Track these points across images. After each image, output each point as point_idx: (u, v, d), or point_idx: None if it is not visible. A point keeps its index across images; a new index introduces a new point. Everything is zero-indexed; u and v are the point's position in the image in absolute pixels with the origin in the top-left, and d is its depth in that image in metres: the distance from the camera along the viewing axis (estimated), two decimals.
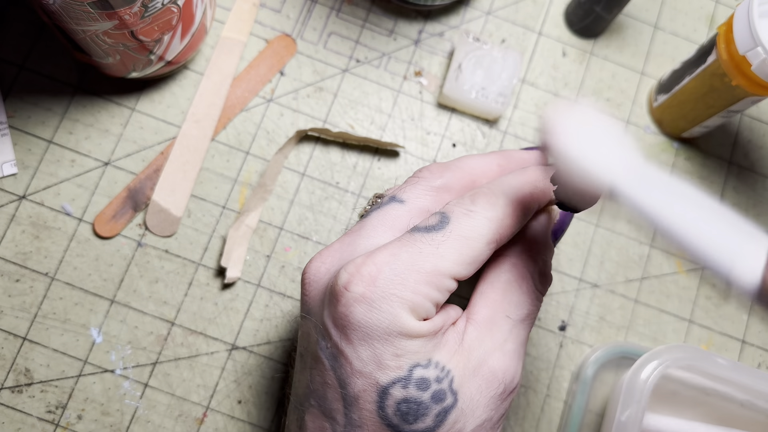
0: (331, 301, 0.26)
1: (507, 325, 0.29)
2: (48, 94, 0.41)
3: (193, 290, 0.40)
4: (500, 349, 0.28)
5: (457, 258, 0.27)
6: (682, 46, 0.46)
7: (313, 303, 0.28)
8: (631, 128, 0.44)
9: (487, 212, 0.27)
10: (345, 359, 0.26)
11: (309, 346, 0.28)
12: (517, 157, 0.32)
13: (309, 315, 0.28)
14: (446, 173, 0.30)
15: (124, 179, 0.40)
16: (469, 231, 0.27)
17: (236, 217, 0.41)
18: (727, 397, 0.38)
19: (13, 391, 0.38)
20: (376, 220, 0.29)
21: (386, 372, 0.26)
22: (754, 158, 0.45)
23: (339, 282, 0.26)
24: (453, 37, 0.44)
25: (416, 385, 0.26)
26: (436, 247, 0.27)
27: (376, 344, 0.26)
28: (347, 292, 0.26)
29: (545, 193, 0.30)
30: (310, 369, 0.28)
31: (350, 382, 0.26)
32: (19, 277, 0.39)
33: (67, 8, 0.32)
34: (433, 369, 0.26)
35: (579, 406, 0.39)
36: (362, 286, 0.26)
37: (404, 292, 0.26)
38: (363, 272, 0.26)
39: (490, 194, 0.28)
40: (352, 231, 0.29)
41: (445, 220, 0.27)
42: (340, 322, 0.26)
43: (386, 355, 0.26)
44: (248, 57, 0.43)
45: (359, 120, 0.43)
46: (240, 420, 0.38)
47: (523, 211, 0.29)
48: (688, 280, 0.43)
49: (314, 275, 0.29)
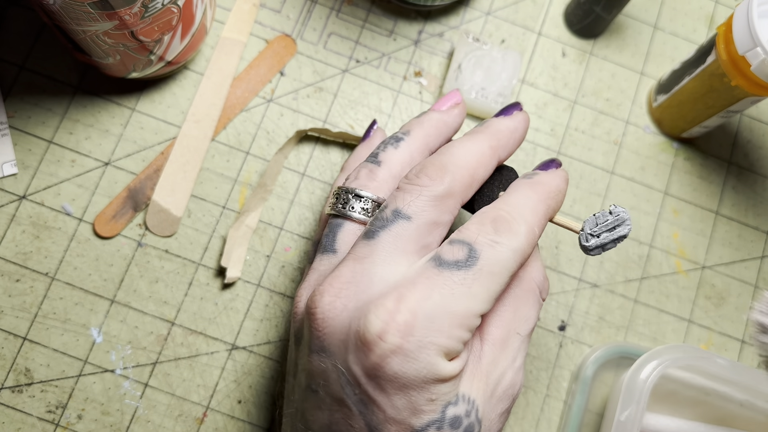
0: (362, 349, 0.25)
1: (517, 341, 0.29)
2: (48, 94, 0.41)
3: (193, 290, 0.40)
4: (511, 367, 0.28)
5: (486, 296, 0.26)
6: (682, 47, 0.46)
7: (331, 342, 0.27)
8: (630, 128, 0.44)
9: (511, 243, 0.27)
10: (377, 407, 0.25)
11: (329, 387, 0.27)
12: (504, 131, 0.31)
13: (323, 353, 0.27)
14: (446, 176, 0.29)
15: (125, 179, 0.40)
16: (496, 266, 0.26)
17: (236, 217, 0.41)
18: (726, 397, 0.38)
19: (14, 390, 0.38)
20: (386, 242, 0.27)
21: (421, 417, 0.25)
22: (753, 158, 0.45)
23: (371, 330, 0.25)
24: (453, 37, 0.44)
25: (450, 425, 0.26)
26: (468, 287, 0.26)
27: (411, 393, 0.25)
28: (382, 343, 0.25)
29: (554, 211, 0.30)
30: (331, 410, 0.27)
31: (383, 429, 0.26)
32: (20, 277, 0.39)
33: (67, 8, 0.32)
34: (462, 405, 0.26)
35: (579, 406, 0.39)
36: (398, 336, 0.25)
37: (440, 339, 0.25)
38: (398, 320, 0.25)
39: (511, 221, 0.27)
40: (360, 256, 0.28)
41: (474, 255, 0.26)
42: (372, 373, 0.25)
43: (421, 401, 0.25)
44: (248, 57, 0.43)
45: (359, 120, 0.43)
46: (240, 420, 0.38)
47: (539, 235, 0.29)
48: (688, 280, 0.43)
49: (329, 311, 0.27)
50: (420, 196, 0.28)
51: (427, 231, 0.28)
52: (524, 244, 0.27)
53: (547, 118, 0.44)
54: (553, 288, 0.42)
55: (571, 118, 0.44)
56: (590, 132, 0.44)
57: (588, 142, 0.44)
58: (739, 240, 0.43)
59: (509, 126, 0.32)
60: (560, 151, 0.43)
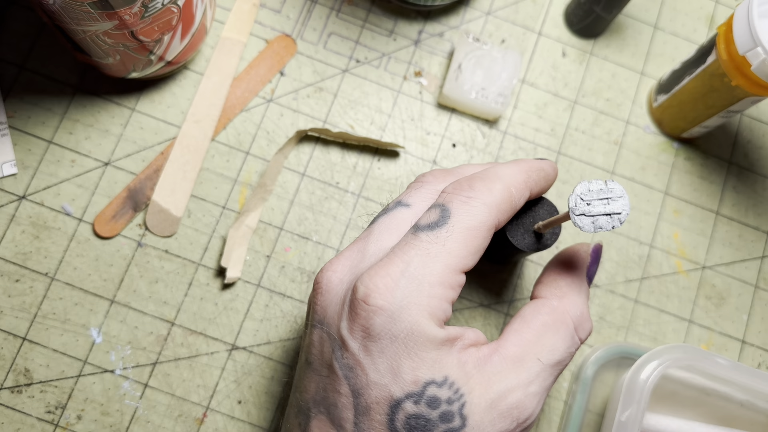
0: (351, 313, 0.27)
1: (536, 367, 0.28)
2: (48, 94, 0.41)
3: (193, 290, 0.40)
4: (523, 389, 0.28)
5: (463, 251, 0.27)
6: (682, 46, 0.46)
7: (327, 313, 0.29)
8: (630, 128, 0.44)
9: (485, 198, 0.28)
10: (362, 370, 0.27)
11: (323, 355, 0.28)
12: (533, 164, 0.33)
13: (321, 324, 0.29)
14: (449, 177, 0.31)
15: (124, 179, 0.40)
16: (470, 221, 0.28)
17: (236, 217, 0.41)
18: (726, 397, 0.38)
19: (13, 391, 0.38)
20: (383, 225, 0.30)
21: (401, 385, 0.26)
22: (753, 158, 0.45)
23: (357, 295, 0.27)
24: (453, 37, 0.44)
25: (427, 403, 0.26)
26: (442, 244, 0.27)
27: (395, 355, 0.26)
28: (366, 306, 0.26)
29: (537, 184, 0.31)
30: (321, 377, 0.28)
31: (364, 393, 0.27)
32: (19, 277, 0.39)
33: (67, 8, 0.32)
34: (446, 389, 0.26)
35: (579, 406, 0.39)
36: (380, 299, 0.26)
37: (421, 298, 0.26)
38: (380, 285, 0.26)
39: (486, 179, 0.29)
40: (360, 238, 0.30)
41: (446, 214, 0.28)
42: (359, 334, 0.27)
43: (404, 366, 0.26)
44: (248, 57, 0.43)
45: (359, 120, 0.43)
46: (240, 420, 0.38)
47: (518, 197, 0.29)
48: (688, 280, 0.43)
49: (327, 285, 0.29)
50: (421, 189, 0.31)
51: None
52: (499, 199, 0.28)
53: (547, 118, 0.44)
54: None
55: (571, 118, 0.44)
56: (590, 132, 0.44)
57: (588, 142, 0.44)
58: (739, 240, 0.43)
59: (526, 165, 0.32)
60: (560, 151, 0.43)
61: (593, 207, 0.28)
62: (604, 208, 0.28)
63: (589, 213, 0.28)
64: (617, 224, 0.28)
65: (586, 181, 0.29)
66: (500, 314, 0.41)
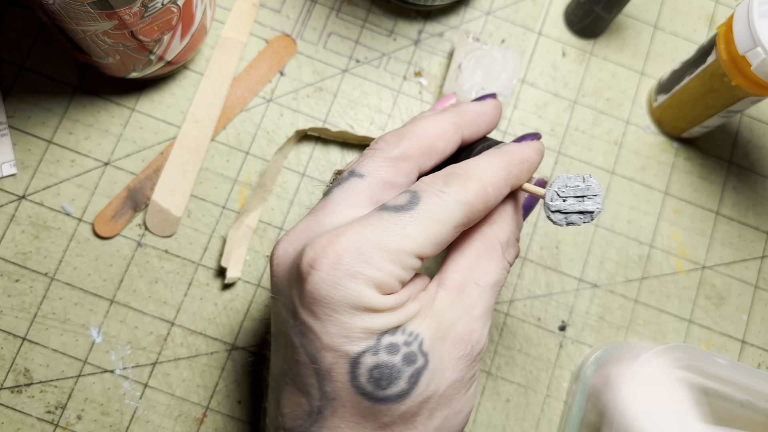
0: (298, 279, 0.27)
1: (476, 291, 0.29)
2: (48, 94, 0.41)
3: (193, 290, 0.40)
4: (469, 314, 0.29)
5: (422, 239, 0.27)
6: (682, 46, 0.46)
7: (282, 283, 0.29)
8: (630, 128, 0.44)
9: (458, 194, 0.28)
10: (314, 335, 0.27)
11: (280, 326, 0.29)
12: (471, 112, 0.33)
13: (279, 295, 0.29)
14: (402, 142, 0.30)
15: (124, 179, 0.40)
16: (437, 213, 0.28)
17: (236, 217, 0.41)
18: (726, 397, 0.38)
19: (13, 391, 0.38)
20: (338, 196, 0.30)
21: (355, 343, 0.26)
22: (753, 158, 0.45)
23: (304, 260, 0.27)
24: (453, 37, 0.44)
25: (386, 350, 0.26)
26: (403, 227, 0.27)
27: (343, 319, 0.26)
28: (313, 270, 0.26)
29: (518, 179, 0.30)
30: (283, 348, 0.29)
31: (320, 357, 0.27)
32: (19, 277, 0.39)
33: (67, 8, 0.32)
34: (400, 335, 0.27)
35: (579, 406, 0.39)
36: (327, 264, 0.26)
37: (368, 270, 0.26)
38: (328, 251, 0.26)
39: (464, 176, 0.29)
40: (315, 209, 0.30)
41: (414, 200, 0.28)
42: (306, 300, 0.27)
43: (354, 328, 0.26)
44: (248, 57, 0.43)
45: (359, 120, 0.43)
46: (240, 420, 0.38)
47: (495, 196, 0.29)
48: (688, 280, 0.43)
49: (281, 256, 0.29)
50: (374, 158, 0.30)
51: (379, 188, 0.30)
52: (472, 198, 0.28)
53: (547, 118, 0.44)
54: (554, 288, 0.42)
55: (571, 118, 0.44)
56: (590, 132, 0.44)
57: (588, 142, 0.44)
58: (739, 240, 0.43)
59: (477, 109, 0.33)
60: (560, 151, 0.43)
61: (568, 204, 0.29)
62: (579, 205, 0.29)
63: (564, 210, 0.29)
64: (588, 221, 0.29)
65: (565, 174, 0.29)
66: (500, 314, 0.41)
